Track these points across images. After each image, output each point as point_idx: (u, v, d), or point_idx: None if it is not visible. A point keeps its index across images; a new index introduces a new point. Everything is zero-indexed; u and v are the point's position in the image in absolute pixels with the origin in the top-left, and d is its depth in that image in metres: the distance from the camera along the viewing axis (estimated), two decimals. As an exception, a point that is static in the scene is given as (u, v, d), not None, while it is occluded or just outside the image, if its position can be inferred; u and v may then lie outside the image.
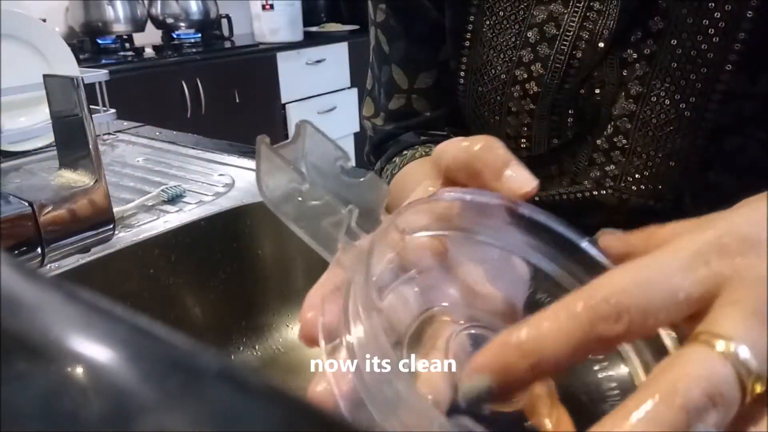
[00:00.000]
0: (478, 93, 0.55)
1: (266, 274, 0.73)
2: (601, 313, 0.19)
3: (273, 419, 0.12)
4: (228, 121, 2.44)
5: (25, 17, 0.89)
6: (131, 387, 0.12)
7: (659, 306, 0.20)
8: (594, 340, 0.19)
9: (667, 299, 0.20)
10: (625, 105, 0.50)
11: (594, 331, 0.19)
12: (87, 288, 0.15)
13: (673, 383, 0.18)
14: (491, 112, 0.55)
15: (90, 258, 0.58)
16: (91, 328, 0.13)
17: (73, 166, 0.50)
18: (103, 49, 2.39)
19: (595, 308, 0.19)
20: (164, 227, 0.65)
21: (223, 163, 0.85)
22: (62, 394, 0.11)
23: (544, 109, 0.52)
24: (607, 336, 0.19)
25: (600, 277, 0.20)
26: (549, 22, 0.50)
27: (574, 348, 0.19)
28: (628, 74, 0.49)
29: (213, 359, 0.13)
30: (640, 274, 0.20)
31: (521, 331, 0.20)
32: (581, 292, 0.20)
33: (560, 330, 0.19)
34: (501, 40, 0.53)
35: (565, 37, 0.50)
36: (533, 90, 0.52)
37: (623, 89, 0.50)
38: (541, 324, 0.20)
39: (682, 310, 0.20)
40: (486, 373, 0.20)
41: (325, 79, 2.85)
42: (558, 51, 0.50)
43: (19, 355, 0.12)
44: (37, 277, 0.14)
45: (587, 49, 0.49)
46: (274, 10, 2.65)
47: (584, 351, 0.20)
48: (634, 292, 0.19)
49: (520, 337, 0.19)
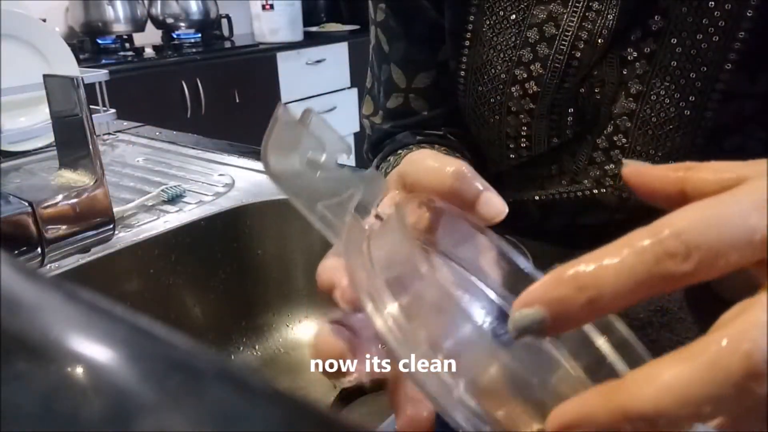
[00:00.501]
0: (477, 93, 0.55)
1: (266, 274, 0.73)
2: (669, 249, 0.18)
3: (273, 419, 0.12)
4: (228, 121, 2.44)
5: (25, 17, 0.89)
6: (131, 387, 0.12)
7: (732, 245, 0.19)
8: (658, 277, 0.18)
9: (741, 239, 0.19)
10: (624, 104, 0.50)
11: (659, 267, 0.18)
12: (87, 288, 0.15)
13: (743, 329, 0.17)
14: (491, 112, 0.55)
15: (90, 258, 0.58)
16: (91, 328, 0.13)
17: (73, 166, 0.50)
18: (103, 49, 2.39)
19: (663, 243, 0.18)
20: (164, 227, 0.65)
21: (223, 163, 0.85)
22: (62, 394, 0.11)
23: (544, 109, 0.52)
24: (672, 274, 0.18)
25: (669, 214, 0.19)
26: (548, 22, 0.50)
27: (636, 284, 0.18)
28: (628, 73, 0.49)
29: (213, 359, 0.13)
30: (714, 211, 0.19)
31: (580, 264, 0.19)
32: (649, 227, 0.19)
33: (623, 264, 0.18)
34: (501, 40, 0.53)
35: (564, 37, 0.50)
36: (533, 89, 0.52)
37: (623, 88, 0.50)
38: (602, 257, 0.19)
39: (755, 253, 0.19)
40: (539, 305, 0.19)
41: (325, 79, 2.85)
42: (557, 51, 0.50)
43: (19, 355, 0.12)
44: (37, 277, 0.14)
45: (586, 49, 0.49)
46: (274, 10, 2.65)
47: (647, 289, 0.19)
48: (705, 229, 0.19)
49: (578, 270, 0.19)
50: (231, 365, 0.13)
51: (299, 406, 0.13)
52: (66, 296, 0.14)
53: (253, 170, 0.81)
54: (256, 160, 0.85)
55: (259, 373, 0.82)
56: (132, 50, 2.41)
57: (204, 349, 0.13)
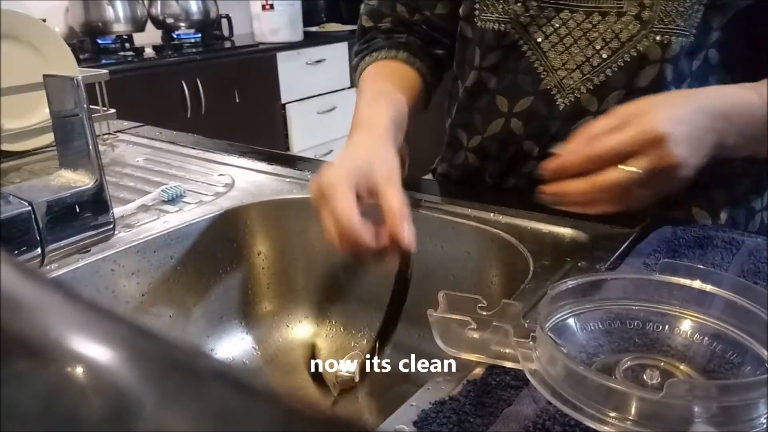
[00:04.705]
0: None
1: (266, 274, 0.73)
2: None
3: (273, 419, 0.12)
4: (228, 121, 2.44)
5: (25, 17, 0.89)
6: (131, 387, 0.12)
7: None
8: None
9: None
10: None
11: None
12: (87, 288, 0.15)
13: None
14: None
15: (90, 258, 0.58)
16: (91, 328, 0.13)
17: (73, 166, 0.50)
18: (103, 49, 2.39)
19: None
20: (164, 227, 0.65)
21: (223, 163, 0.85)
22: (62, 394, 0.11)
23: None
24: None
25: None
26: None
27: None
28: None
29: (212, 360, 0.13)
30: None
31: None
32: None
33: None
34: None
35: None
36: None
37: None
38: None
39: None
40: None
41: (325, 79, 2.85)
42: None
43: (19, 355, 0.12)
44: (37, 277, 0.14)
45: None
46: (274, 10, 2.65)
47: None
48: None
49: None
50: (231, 365, 0.13)
51: (299, 406, 0.13)
52: (66, 296, 0.14)
53: (253, 170, 0.81)
54: (256, 160, 0.85)
55: (259, 373, 0.82)
56: (132, 50, 2.41)
57: (204, 350, 0.13)
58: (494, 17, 0.66)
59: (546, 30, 0.63)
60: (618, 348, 0.37)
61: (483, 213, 0.64)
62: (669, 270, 0.40)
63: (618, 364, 0.36)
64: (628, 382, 0.34)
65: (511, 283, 0.59)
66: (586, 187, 0.49)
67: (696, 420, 0.28)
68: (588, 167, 0.49)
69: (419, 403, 0.36)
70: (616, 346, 0.38)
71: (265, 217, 0.72)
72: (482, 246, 0.62)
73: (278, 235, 0.72)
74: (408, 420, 0.35)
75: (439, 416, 0.34)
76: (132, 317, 0.14)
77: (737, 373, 0.35)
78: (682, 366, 0.36)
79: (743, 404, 0.28)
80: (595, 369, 0.35)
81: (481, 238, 0.62)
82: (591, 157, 0.49)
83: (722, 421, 0.28)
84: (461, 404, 0.35)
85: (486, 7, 0.66)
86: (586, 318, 0.39)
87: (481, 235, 0.62)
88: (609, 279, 0.41)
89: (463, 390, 0.37)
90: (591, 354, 0.37)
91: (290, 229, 0.72)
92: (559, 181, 0.50)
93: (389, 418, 0.35)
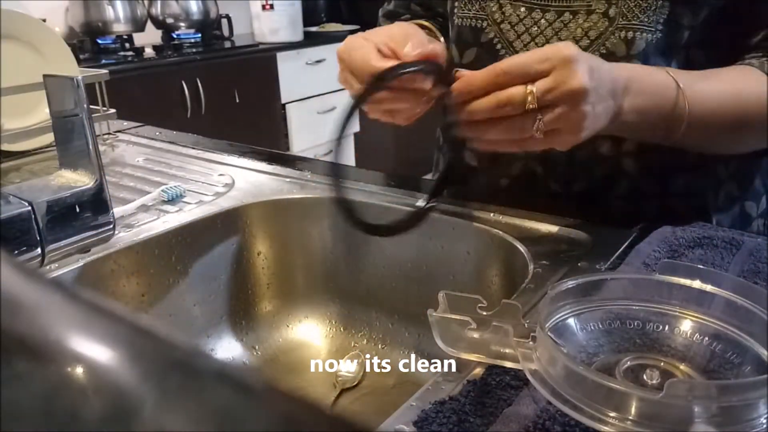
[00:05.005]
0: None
1: (266, 274, 0.73)
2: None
3: (272, 419, 0.12)
4: (228, 121, 2.44)
5: (25, 17, 0.89)
6: (131, 387, 0.12)
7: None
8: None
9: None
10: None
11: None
12: (87, 288, 0.15)
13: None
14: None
15: (90, 258, 0.58)
16: (91, 328, 0.13)
17: (73, 166, 0.50)
18: (103, 49, 2.38)
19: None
20: (164, 227, 0.65)
21: (223, 163, 0.85)
22: (62, 394, 0.11)
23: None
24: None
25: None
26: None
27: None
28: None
29: (212, 359, 0.13)
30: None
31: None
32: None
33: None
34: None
35: None
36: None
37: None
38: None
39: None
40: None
41: (325, 79, 2.84)
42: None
43: (19, 355, 0.12)
44: (37, 277, 0.14)
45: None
46: (274, 10, 2.65)
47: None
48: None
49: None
50: (231, 365, 0.13)
51: (299, 406, 0.13)
52: (66, 296, 0.14)
53: (253, 170, 0.81)
54: (256, 160, 0.85)
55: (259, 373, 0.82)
56: (132, 50, 2.41)
57: (204, 350, 0.13)
58: (471, 14, 0.67)
59: (518, 29, 0.64)
60: (618, 348, 0.37)
61: (483, 213, 0.64)
62: (669, 270, 0.40)
63: (618, 364, 0.36)
64: (628, 382, 0.34)
65: (511, 283, 0.59)
66: (489, 103, 0.49)
67: (696, 420, 0.28)
68: (494, 84, 0.49)
69: (419, 403, 0.36)
70: (616, 346, 0.38)
71: (265, 217, 0.72)
72: (482, 246, 0.62)
73: (278, 235, 0.72)
74: (408, 420, 0.35)
75: (439, 416, 0.34)
76: (132, 317, 0.14)
77: (737, 373, 0.35)
78: (682, 366, 0.36)
79: (743, 404, 0.28)
80: (595, 369, 0.35)
81: (481, 238, 0.62)
82: (497, 71, 0.49)
83: (722, 421, 0.28)
84: (461, 404, 0.35)
85: (464, 4, 0.67)
86: (586, 318, 0.39)
87: (481, 235, 0.62)
88: (609, 279, 0.41)
89: (463, 390, 0.37)
90: (591, 354, 0.37)
91: (290, 229, 0.72)
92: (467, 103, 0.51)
93: (389, 418, 0.35)
